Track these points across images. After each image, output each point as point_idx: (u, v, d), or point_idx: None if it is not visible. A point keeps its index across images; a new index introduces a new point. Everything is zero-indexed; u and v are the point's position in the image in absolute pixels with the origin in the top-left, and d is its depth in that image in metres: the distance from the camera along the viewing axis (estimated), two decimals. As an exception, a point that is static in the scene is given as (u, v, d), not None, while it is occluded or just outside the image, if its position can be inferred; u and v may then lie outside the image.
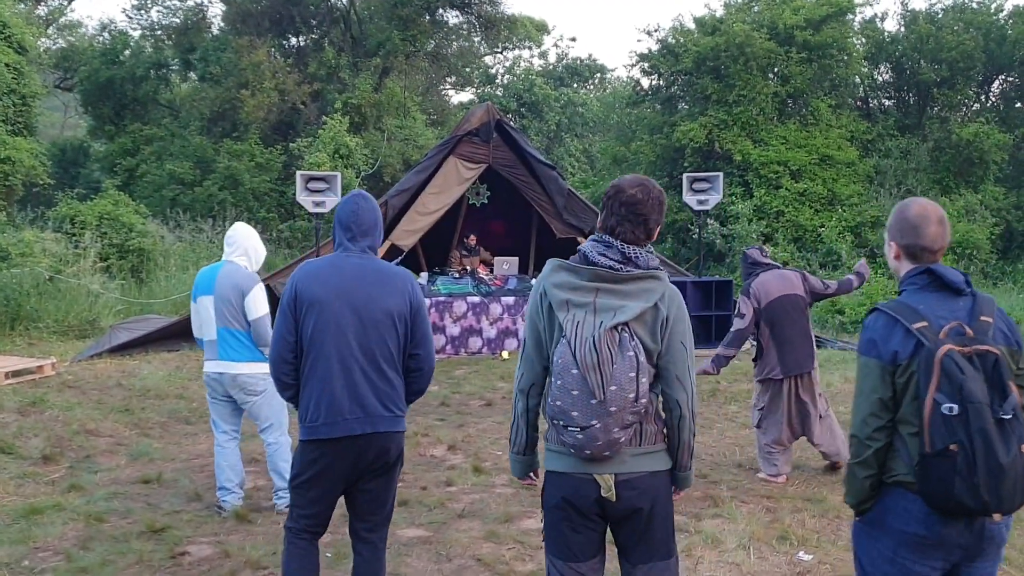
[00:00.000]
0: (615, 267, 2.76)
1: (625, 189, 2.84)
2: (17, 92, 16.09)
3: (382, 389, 3.45)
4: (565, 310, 2.73)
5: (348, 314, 3.40)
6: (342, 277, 3.43)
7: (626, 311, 2.70)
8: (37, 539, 4.92)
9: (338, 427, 3.40)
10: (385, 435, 3.47)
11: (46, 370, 9.21)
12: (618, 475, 2.75)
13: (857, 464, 2.62)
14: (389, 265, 3.56)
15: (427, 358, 3.58)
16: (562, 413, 2.69)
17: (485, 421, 8.13)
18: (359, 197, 3.57)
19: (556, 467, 2.82)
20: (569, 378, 2.66)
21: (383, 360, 3.44)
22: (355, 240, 3.49)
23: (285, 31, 24.86)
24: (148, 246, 15.14)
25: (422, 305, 3.54)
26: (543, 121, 30.94)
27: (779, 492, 5.82)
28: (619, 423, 2.68)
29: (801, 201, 17.20)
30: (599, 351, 2.64)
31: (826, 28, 18.16)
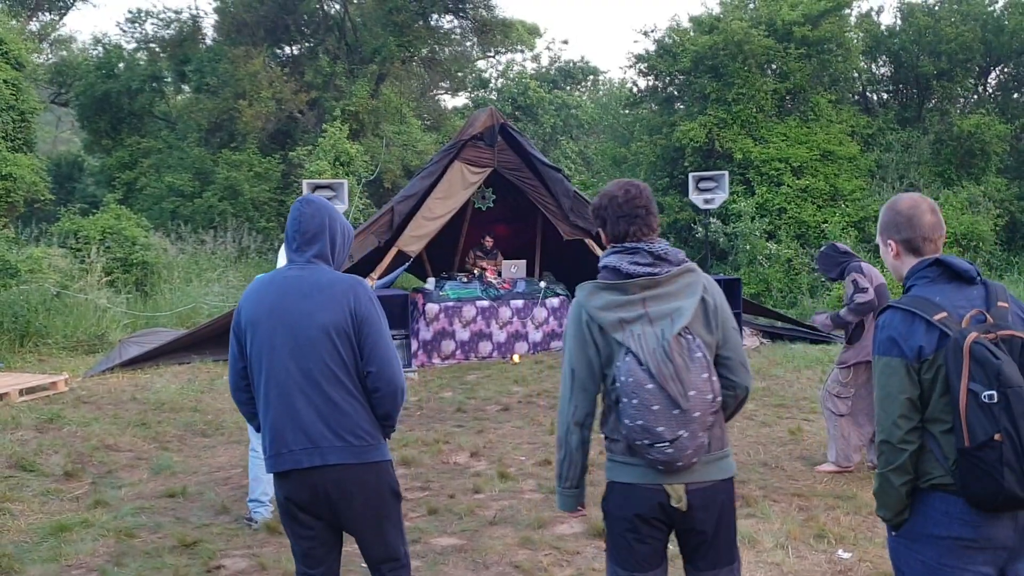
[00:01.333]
0: (652, 272, 2.73)
1: (616, 194, 2.86)
2: (16, 108, 16.03)
3: (329, 415, 3.02)
4: (620, 329, 2.68)
5: (281, 333, 3.03)
6: (277, 293, 3.08)
7: (682, 314, 2.69)
8: (69, 557, 4.89)
9: (283, 459, 3.04)
10: (340, 468, 3.02)
11: (60, 386, 9.16)
12: (689, 484, 2.72)
13: (892, 471, 2.48)
14: (331, 274, 3.11)
15: (381, 376, 3.05)
16: (645, 431, 2.63)
17: (504, 426, 8.10)
18: (302, 203, 3.19)
19: (623, 478, 2.78)
20: (646, 394, 2.61)
21: (325, 382, 3.01)
22: (300, 250, 3.14)
23: (280, 40, 24.82)
24: (152, 259, 15.09)
25: (370, 317, 3.04)
26: (538, 124, 30.97)
27: (809, 490, 5.81)
28: (702, 426, 2.67)
29: (803, 197, 17.20)
30: (673, 360, 2.62)
31: (824, 23, 18.16)
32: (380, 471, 3.13)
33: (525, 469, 6.59)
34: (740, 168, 17.82)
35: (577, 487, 2.91)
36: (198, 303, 14.19)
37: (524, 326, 12.05)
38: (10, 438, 7.10)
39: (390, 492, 3.17)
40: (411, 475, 6.45)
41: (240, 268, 17.04)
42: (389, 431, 3.20)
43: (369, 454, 3.07)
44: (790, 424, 7.70)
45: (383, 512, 3.14)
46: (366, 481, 3.07)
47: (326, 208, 3.19)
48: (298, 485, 3.05)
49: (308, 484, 3.03)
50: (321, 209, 3.17)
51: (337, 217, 3.21)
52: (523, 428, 8.01)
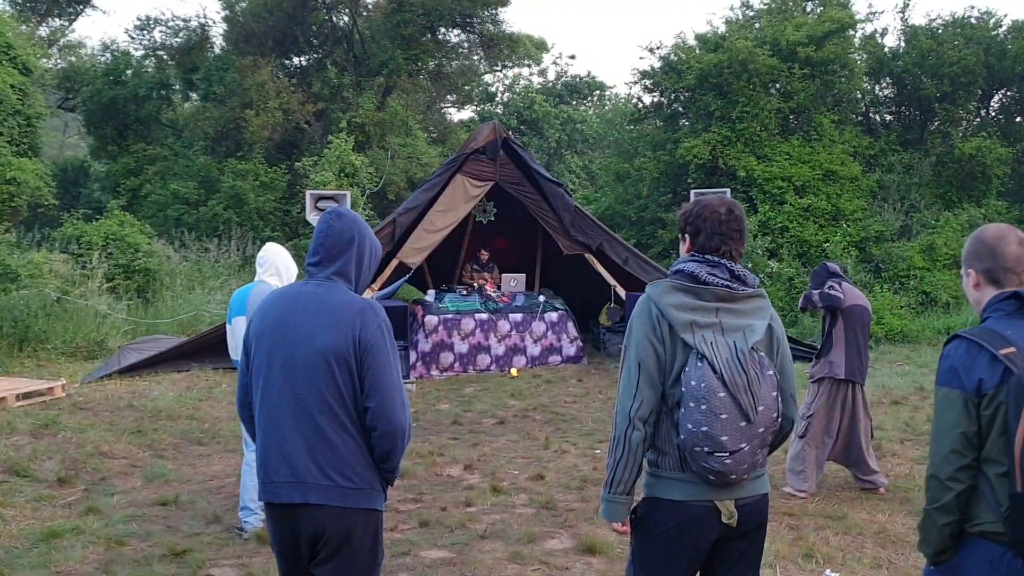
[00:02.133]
0: (731, 286, 2.74)
1: (718, 209, 2.81)
2: (22, 113, 16.10)
3: (317, 449, 2.75)
4: (691, 331, 2.67)
5: (281, 352, 2.82)
6: (286, 309, 2.87)
7: (754, 330, 2.71)
8: (58, 563, 4.90)
9: (267, 490, 2.84)
10: (323, 510, 2.74)
11: (56, 392, 9.18)
12: (738, 500, 2.72)
13: (936, 509, 2.33)
14: (345, 295, 2.86)
15: (380, 413, 2.74)
16: (708, 439, 2.59)
17: (499, 440, 8.11)
18: (333, 216, 2.97)
19: (672, 495, 2.72)
20: (716, 402, 2.58)
21: (318, 412, 2.75)
22: (321, 265, 2.92)
23: (288, 51, 24.94)
24: (154, 266, 15.12)
25: (375, 346, 2.76)
26: (543, 138, 31.04)
27: (800, 509, 5.81)
28: (762, 443, 2.69)
29: (805, 216, 17.21)
30: (747, 372, 2.62)
31: (828, 44, 18.23)
32: (364, 521, 2.81)
33: (518, 483, 6.60)
34: (743, 186, 17.84)
35: (629, 493, 2.77)
36: (200, 311, 14.21)
37: (522, 340, 12.07)
38: (5, 443, 7.12)
39: (367, 549, 2.83)
40: (404, 487, 6.46)
41: (243, 277, 17.05)
42: (389, 477, 2.88)
43: (357, 499, 2.78)
44: (785, 443, 7.68)
45: (352, 567, 2.82)
46: (345, 528, 2.77)
47: (357, 224, 2.98)
48: (279, 518, 2.85)
49: (288, 520, 2.81)
50: (352, 224, 2.96)
51: (368, 235, 2.99)
52: (518, 442, 8.02)
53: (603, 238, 12.27)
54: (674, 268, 2.84)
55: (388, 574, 4.74)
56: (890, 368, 11.40)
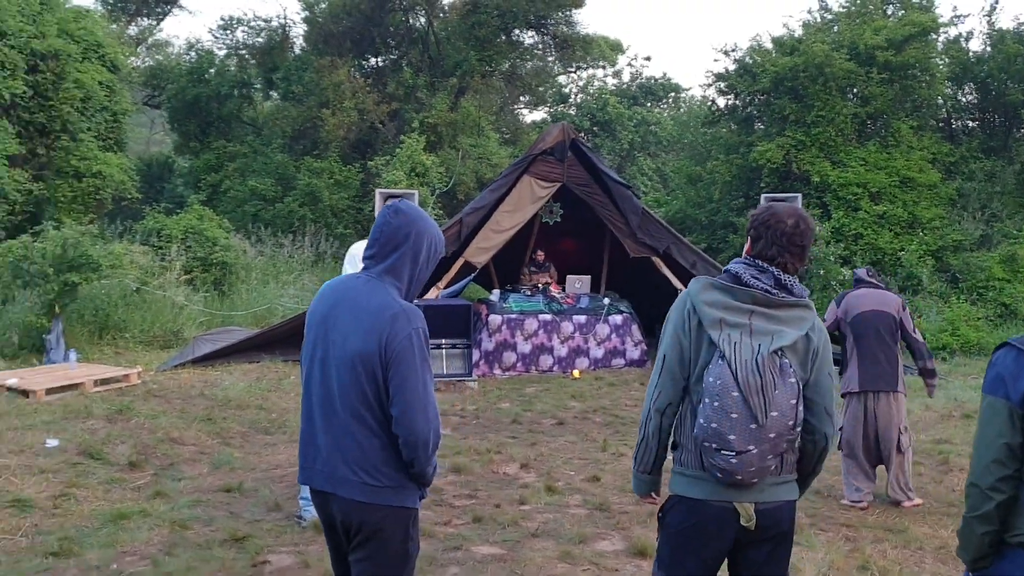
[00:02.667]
0: (770, 291, 2.74)
1: (784, 220, 2.79)
2: (109, 109, 16.72)
3: (344, 446, 2.78)
4: (718, 329, 2.70)
5: (321, 346, 2.86)
6: (333, 304, 2.88)
7: (784, 336, 2.70)
8: (124, 543, 5.09)
9: (304, 472, 2.93)
10: (349, 503, 2.78)
11: (132, 379, 9.51)
12: (758, 503, 2.73)
13: (976, 518, 2.32)
14: (385, 298, 2.81)
15: (401, 423, 2.72)
16: (717, 436, 2.65)
17: (557, 440, 8.13)
18: (391, 211, 2.91)
19: (691, 493, 2.78)
20: (729, 400, 2.63)
21: (344, 411, 2.77)
22: (375, 259, 2.89)
23: (365, 52, 25.33)
24: (231, 260, 15.54)
25: (402, 355, 2.72)
26: (616, 140, 30.89)
27: (859, 521, 5.71)
28: (774, 450, 2.68)
29: (880, 224, 16.81)
30: (762, 374, 2.62)
31: (909, 48, 17.75)
32: (396, 518, 2.81)
33: (573, 484, 6.62)
34: (817, 191, 17.52)
35: (650, 473, 2.93)
36: (273, 304, 14.57)
37: (586, 342, 12.06)
38: (81, 427, 7.43)
39: (398, 546, 2.82)
40: (460, 483, 6.55)
41: (316, 272, 17.43)
42: (417, 481, 2.85)
43: (383, 496, 2.78)
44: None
45: (384, 564, 2.82)
46: (372, 524, 2.78)
47: (416, 221, 2.90)
48: (319, 503, 2.94)
49: (325, 505, 2.90)
50: (410, 221, 2.88)
51: (427, 231, 2.90)
52: (576, 443, 8.03)
53: (671, 241, 12.19)
54: (725, 268, 2.87)
55: (439, 567, 4.82)
56: (963, 381, 11.08)
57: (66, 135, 14.99)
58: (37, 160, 14.71)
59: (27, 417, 7.56)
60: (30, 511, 5.53)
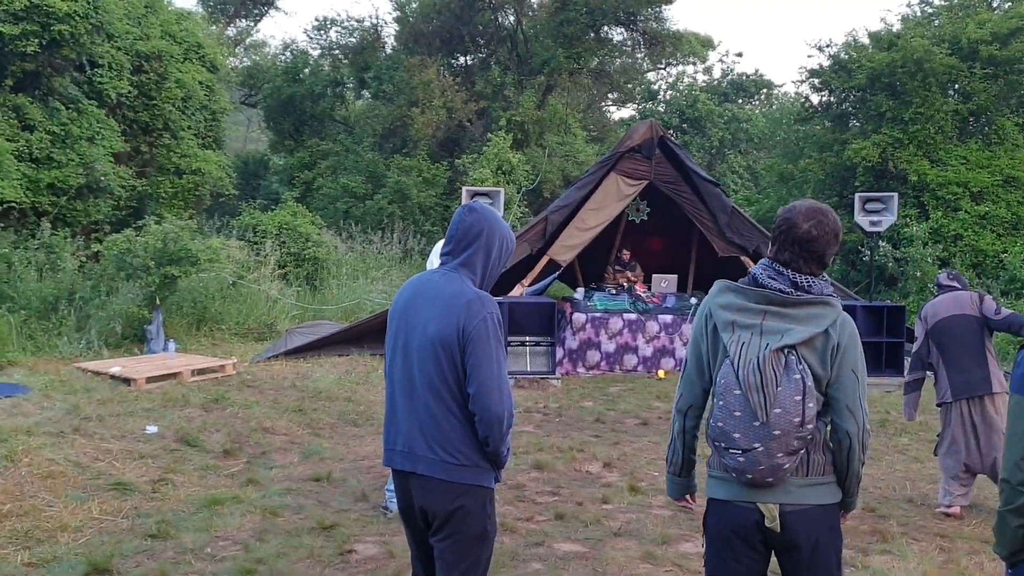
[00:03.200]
0: (784, 290, 2.73)
1: (799, 224, 2.76)
2: (208, 108, 17.26)
3: (425, 425, 2.95)
4: (730, 331, 2.74)
5: (403, 334, 3.06)
6: (413, 294, 3.09)
7: (793, 334, 2.68)
8: (218, 528, 5.28)
9: (387, 456, 3.11)
10: (431, 482, 2.93)
11: (227, 369, 9.81)
12: (783, 505, 2.71)
13: (1010, 511, 2.33)
14: (461, 287, 2.99)
15: (477, 401, 2.88)
16: (723, 435, 2.70)
17: (641, 440, 8.09)
18: (465, 210, 3.12)
19: (718, 495, 2.82)
20: (732, 398, 2.68)
21: (426, 392, 2.95)
22: (451, 255, 3.08)
23: (454, 50, 25.59)
24: (322, 255, 15.91)
25: (478, 337, 2.89)
26: (705, 137, 30.49)
27: (954, 531, 5.53)
28: (783, 448, 2.65)
29: (982, 225, 16.19)
30: (763, 372, 2.64)
31: (1015, 42, 17.05)
32: (474, 497, 2.95)
33: (656, 484, 6.57)
34: (915, 191, 16.99)
35: (680, 475, 3.02)
36: (362, 299, 14.85)
37: (671, 342, 11.94)
38: (179, 414, 7.71)
39: (476, 525, 2.95)
40: (543, 479, 6.57)
41: (404, 268, 17.70)
42: (492, 460, 2.98)
43: (462, 474, 2.92)
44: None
45: (462, 541, 2.94)
46: (451, 501, 2.92)
47: (488, 219, 3.09)
48: (400, 485, 3.08)
49: (404, 486, 3.05)
50: (482, 219, 3.08)
51: (498, 229, 3.10)
52: (660, 444, 7.96)
53: (760, 240, 11.96)
54: (750, 271, 2.89)
55: (521, 563, 4.86)
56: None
57: (168, 133, 15.54)
58: (140, 157, 15.30)
59: (129, 404, 7.88)
60: (131, 494, 5.79)
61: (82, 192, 13.04)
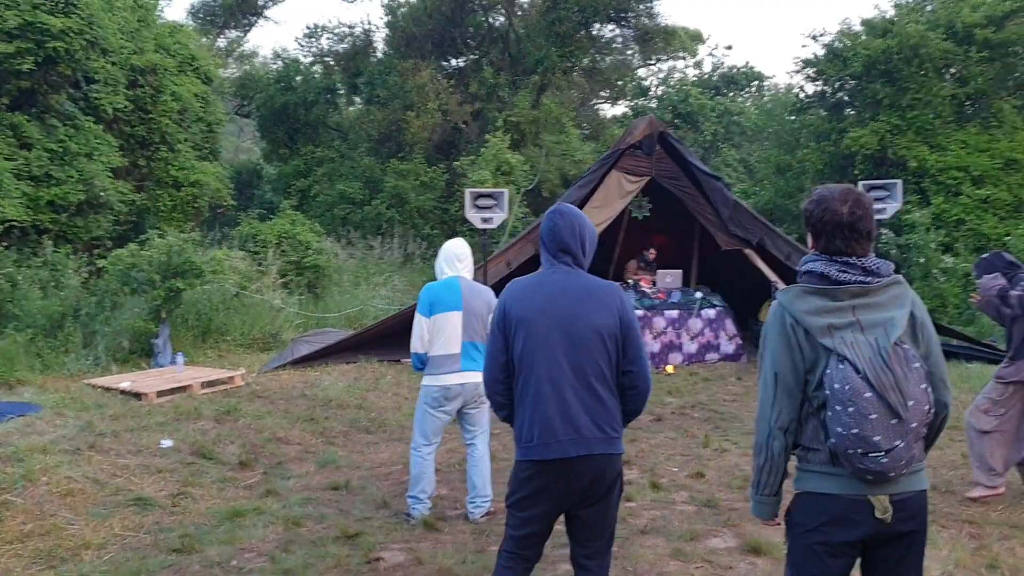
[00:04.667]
0: (865, 281, 2.70)
1: (839, 210, 2.75)
2: (204, 120, 17.22)
3: (595, 409, 3.29)
4: (830, 335, 2.66)
5: (556, 333, 3.30)
6: (547, 296, 3.36)
7: (895, 324, 2.67)
8: (242, 540, 5.23)
9: (551, 448, 3.29)
10: (600, 458, 3.30)
11: (236, 380, 9.75)
12: (893, 495, 2.67)
13: None
14: (597, 281, 3.39)
15: (640, 375, 3.36)
16: (861, 440, 2.58)
17: (657, 436, 8.06)
18: (555, 214, 3.46)
19: (822, 488, 2.74)
20: (863, 403, 2.57)
21: (594, 379, 3.29)
22: (557, 257, 3.41)
23: (446, 53, 25.58)
24: (323, 263, 15.85)
25: (633, 320, 3.37)
26: (698, 132, 30.43)
27: (982, 517, 5.49)
28: (916, 437, 2.65)
29: (984, 209, 16.17)
30: (892, 370, 2.59)
31: (1009, 25, 17.03)
32: (621, 463, 3.42)
33: (678, 481, 6.55)
34: (915, 177, 16.96)
35: (776, 494, 2.88)
36: (365, 306, 14.80)
37: (678, 337, 11.92)
38: (192, 428, 7.66)
39: (623, 485, 3.48)
40: (563, 480, 6.52)
41: (405, 273, 17.67)
42: (628, 423, 3.45)
43: (618, 445, 3.36)
44: (963, 447, 7.23)
45: (616, 500, 3.42)
46: (616, 470, 3.36)
47: (578, 218, 3.46)
48: (558, 473, 3.30)
49: (569, 472, 3.29)
50: (573, 220, 3.44)
51: (587, 225, 3.46)
52: (676, 439, 7.94)
53: (763, 233, 11.94)
54: (803, 268, 2.81)
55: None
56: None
57: (165, 146, 15.50)
58: (138, 171, 15.25)
59: (141, 419, 7.82)
60: (151, 509, 5.74)
61: (82, 208, 12.99)
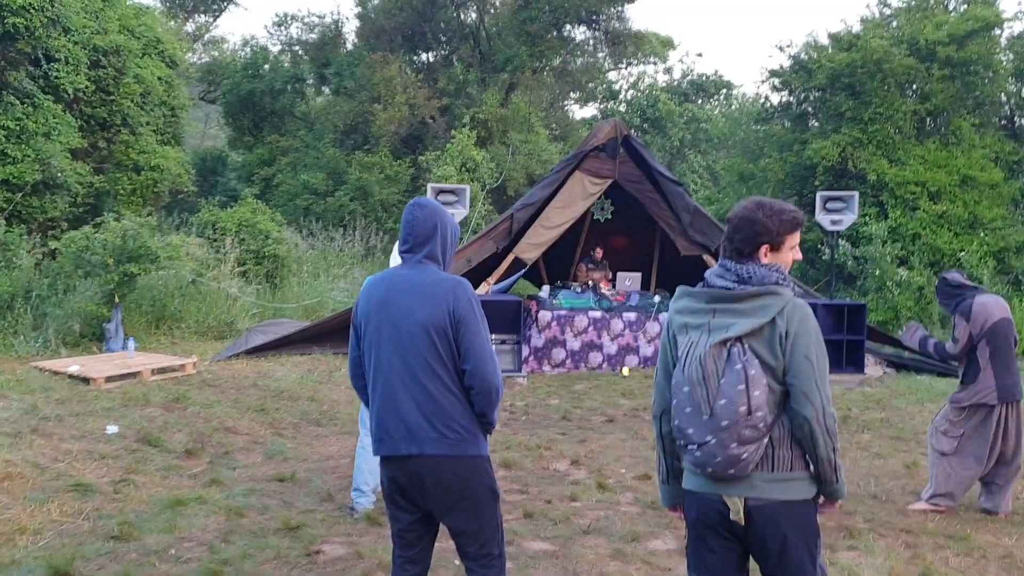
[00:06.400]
0: (730, 287, 2.82)
1: (730, 218, 2.96)
2: (167, 104, 16.99)
3: (427, 408, 3.17)
4: (684, 333, 2.85)
5: (387, 328, 3.24)
6: (386, 290, 3.29)
7: (736, 327, 2.75)
8: (182, 529, 5.19)
9: (385, 445, 3.25)
10: (436, 459, 3.17)
11: (188, 368, 9.67)
12: (748, 499, 2.75)
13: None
14: (437, 275, 3.27)
15: (476, 374, 3.17)
16: (680, 432, 2.79)
17: (607, 437, 8.10)
18: (415, 207, 3.38)
19: (689, 486, 2.90)
20: (682, 396, 2.76)
21: (424, 376, 3.17)
22: (412, 251, 3.32)
23: (416, 47, 25.46)
24: (283, 253, 15.72)
25: (467, 317, 3.18)
26: (666, 137, 30.66)
27: (919, 527, 5.59)
28: (735, 438, 2.68)
29: (939, 223, 16.45)
30: (704, 366, 2.72)
31: (971, 44, 17.34)
32: (475, 465, 3.23)
33: (624, 481, 6.59)
34: (874, 190, 17.22)
35: (667, 483, 3.06)
36: (324, 297, 14.71)
37: (636, 339, 11.99)
38: (140, 414, 7.57)
39: (486, 489, 3.26)
40: (510, 478, 6.54)
41: (366, 266, 17.56)
42: (488, 428, 3.29)
43: (464, 447, 3.19)
44: (906, 458, 7.41)
45: (477, 507, 3.23)
46: (460, 474, 3.19)
47: (437, 211, 3.37)
48: (397, 470, 3.24)
49: (405, 470, 3.21)
50: (433, 213, 3.35)
51: (448, 219, 3.39)
52: (626, 441, 7.99)
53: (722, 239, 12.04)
54: None
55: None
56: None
57: (126, 129, 15.27)
58: (98, 153, 15.01)
59: (88, 404, 7.72)
60: (92, 495, 5.66)
61: (38, 188, 12.76)
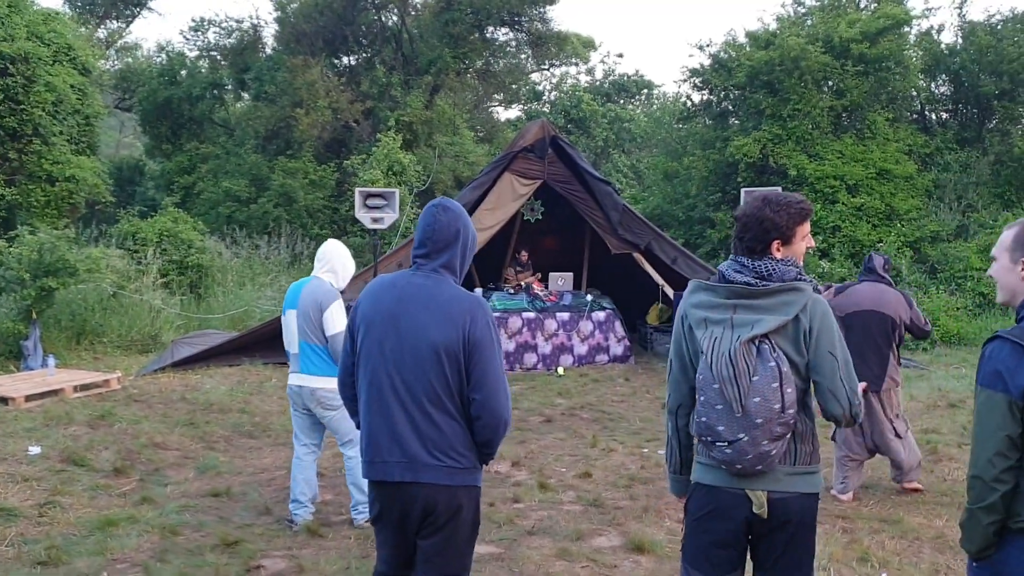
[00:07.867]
0: (751, 283, 2.81)
1: (738, 216, 2.95)
2: (81, 112, 16.44)
3: (426, 433, 2.94)
4: (703, 328, 2.82)
5: (393, 340, 2.97)
6: (397, 299, 3.01)
7: (763, 324, 2.75)
8: (114, 551, 5.00)
9: (376, 468, 3.03)
10: (432, 488, 2.95)
11: (112, 384, 9.37)
12: (771, 492, 2.76)
13: (981, 509, 2.37)
14: (454, 290, 3.01)
15: (486, 405, 2.91)
16: (708, 429, 2.76)
17: (546, 437, 8.09)
18: (438, 209, 3.07)
19: (706, 480, 2.87)
20: (711, 393, 2.74)
21: (427, 400, 2.93)
22: (429, 257, 3.04)
23: (338, 50, 25.16)
24: (206, 262, 15.37)
25: (483, 342, 2.92)
26: (590, 137, 30.92)
27: (854, 512, 5.71)
28: (767, 435, 2.69)
29: (858, 216, 16.93)
30: (735, 364, 2.69)
31: (882, 41, 17.87)
32: (470, 497, 3.04)
33: (565, 481, 6.58)
34: (794, 185, 17.59)
35: (680, 473, 3.07)
36: (250, 307, 14.41)
37: (569, 339, 12.03)
38: (63, 433, 7.29)
39: (470, 523, 3.06)
40: (451, 483, 6.47)
41: (292, 273, 17.26)
42: (487, 459, 3.09)
43: (462, 477, 2.99)
44: None
45: (455, 539, 3.03)
46: (453, 504, 2.98)
47: (461, 217, 3.08)
48: (389, 496, 3.03)
49: (399, 497, 3.00)
50: (456, 218, 3.06)
51: (471, 228, 3.13)
52: (565, 440, 8.00)
53: (651, 237, 12.18)
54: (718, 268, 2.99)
55: None
56: (946, 371, 11.17)
57: (38, 139, 14.73)
58: (9, 165, 14.46)
59: (7, 424, 7.41)
60: (15, 520, 5.41)
61: (-56, 202, 12.23)
